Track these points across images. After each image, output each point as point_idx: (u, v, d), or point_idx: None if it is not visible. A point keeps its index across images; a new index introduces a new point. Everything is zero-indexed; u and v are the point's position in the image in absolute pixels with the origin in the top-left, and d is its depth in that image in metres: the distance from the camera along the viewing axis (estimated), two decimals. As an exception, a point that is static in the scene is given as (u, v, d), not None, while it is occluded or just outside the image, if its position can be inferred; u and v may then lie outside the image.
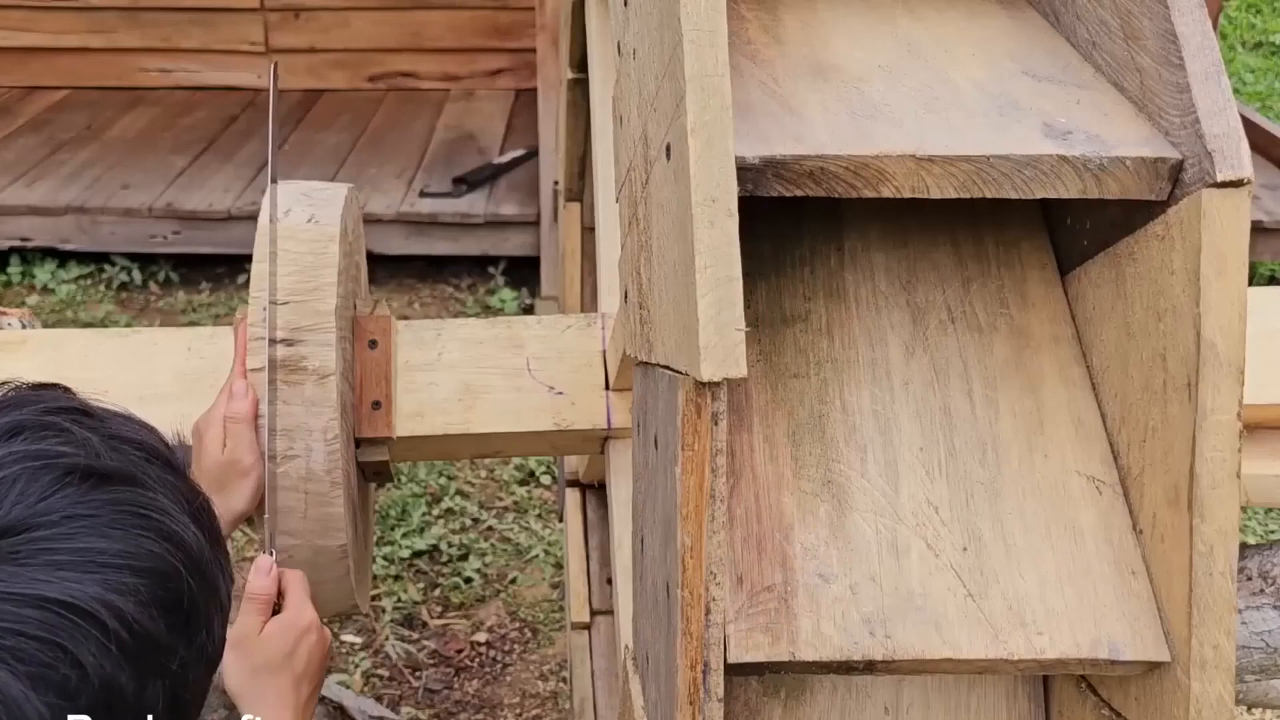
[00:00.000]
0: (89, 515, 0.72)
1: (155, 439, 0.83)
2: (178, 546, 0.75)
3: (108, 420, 0.80)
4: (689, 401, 0.77)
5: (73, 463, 0.74)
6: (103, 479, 0.74)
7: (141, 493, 0.76)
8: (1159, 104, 0.86)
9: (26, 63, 5.77)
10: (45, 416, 0.77)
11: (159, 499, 0.76)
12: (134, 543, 0.73)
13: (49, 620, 0.67)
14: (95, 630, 0.69)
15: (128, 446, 0.79)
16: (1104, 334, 0.94)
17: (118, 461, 0.76)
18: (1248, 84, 6.81)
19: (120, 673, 0.70)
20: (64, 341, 1.51)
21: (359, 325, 1.40)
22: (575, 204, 2.56)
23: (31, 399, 0.79)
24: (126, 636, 0.70)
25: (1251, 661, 1.28)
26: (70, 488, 0.72)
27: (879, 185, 0.84)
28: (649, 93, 0.92)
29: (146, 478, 0.77)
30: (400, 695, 2.92)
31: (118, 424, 0.81)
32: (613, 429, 1.43)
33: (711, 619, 0.79)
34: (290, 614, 1.16)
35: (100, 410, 0.81)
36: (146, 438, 0.81)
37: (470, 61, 5.81)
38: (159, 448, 0.82)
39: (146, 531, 0.74)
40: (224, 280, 4.72)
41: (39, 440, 0.74)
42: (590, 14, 1.85)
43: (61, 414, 0.78)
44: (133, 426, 0.82)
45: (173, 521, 0.76)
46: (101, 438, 0.77)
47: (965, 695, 0.97)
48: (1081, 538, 0.88)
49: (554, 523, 3.45)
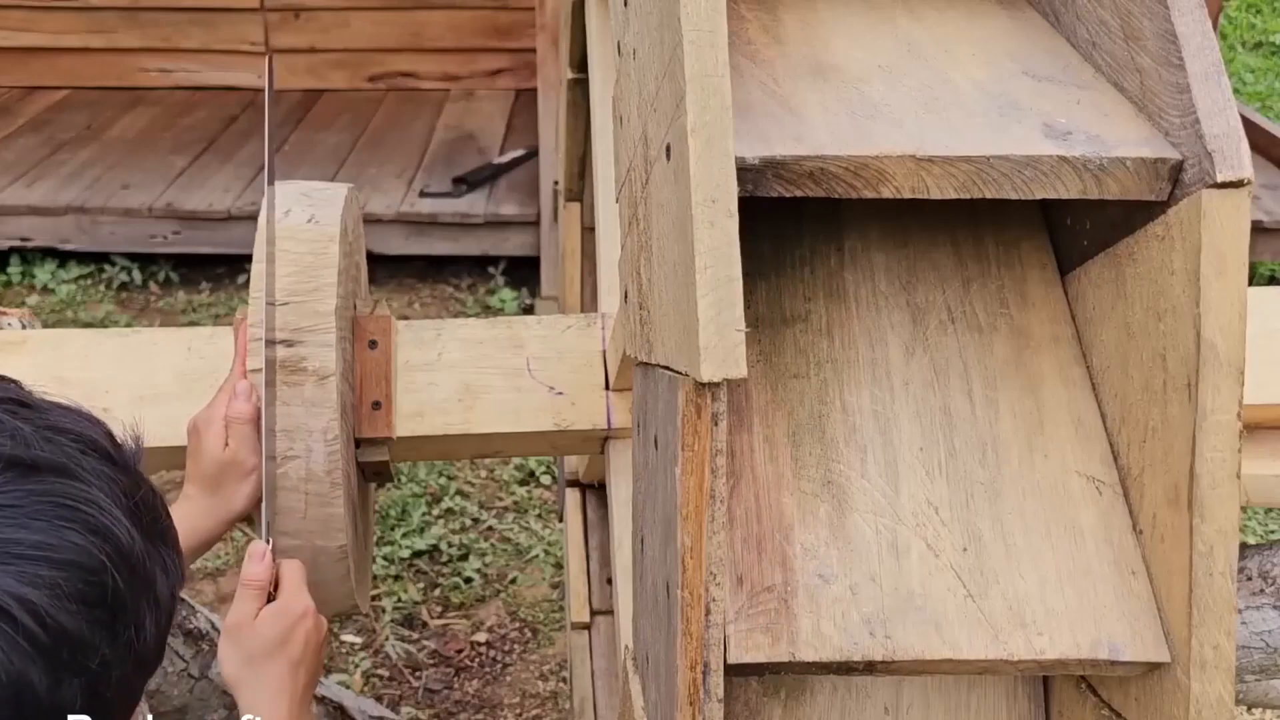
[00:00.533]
0: (10, 506, 0.71)
1: (97, 432, 0.81)
2: (105, 540, 0.74)
3: (47, 411, 0.79)
4: (689, 402, 0.77)
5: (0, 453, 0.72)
6: (30, 469, 0.73)
7: (71, 484, 0.74)
8: (1159, 104, 0.86)
9: (26, 63, 5.77)
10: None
11: (91, 491, 0.75)
12: (56, 534, 0.71)
13: None
14: (6, 624, 0.67)
15: (64, 438, 0.77)
16: (1104, 334, 0.94)
17: (49, 452, 0.75)
18: (1248, 84, 6.81)
19: (31, 668, 0.68)
20: (64, 341, 1.51)
21: (359, 325, 1.40)
22: (575, 204, 2.56)
23: None
24: (39, 631, 0.68)
25: (1251, 661, 1.28)
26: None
27: (879, 185, 0.84)
28: (649, 93, 0.92)
29: (80, 469, 0.76)
30: (400, 695, 2.92)
31: (57, 415, 0.79)
32: (613, 429, 1.43)
33: (711, 619, 0.79)
34: (285, 600, 1.15)
35: (41, 402, 0.80)
36: (86, 430, 0.80)
37: (470, 61, 5.81)
38: (98, 440, 0.80)
39: (71, 524, 0.72)
40: (224, 280, 4.72)
41: None
42: (590, 14, 1.85)
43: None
44: (73, 418, 0.80)
45: (103, 515, 0.74)
46: (36, 428, 0.76)
47: (965, 695, 0.97)
48: (1081, 538, 0.88)
49: (554, 523, 3.45)
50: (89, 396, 1.41)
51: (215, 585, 3.18)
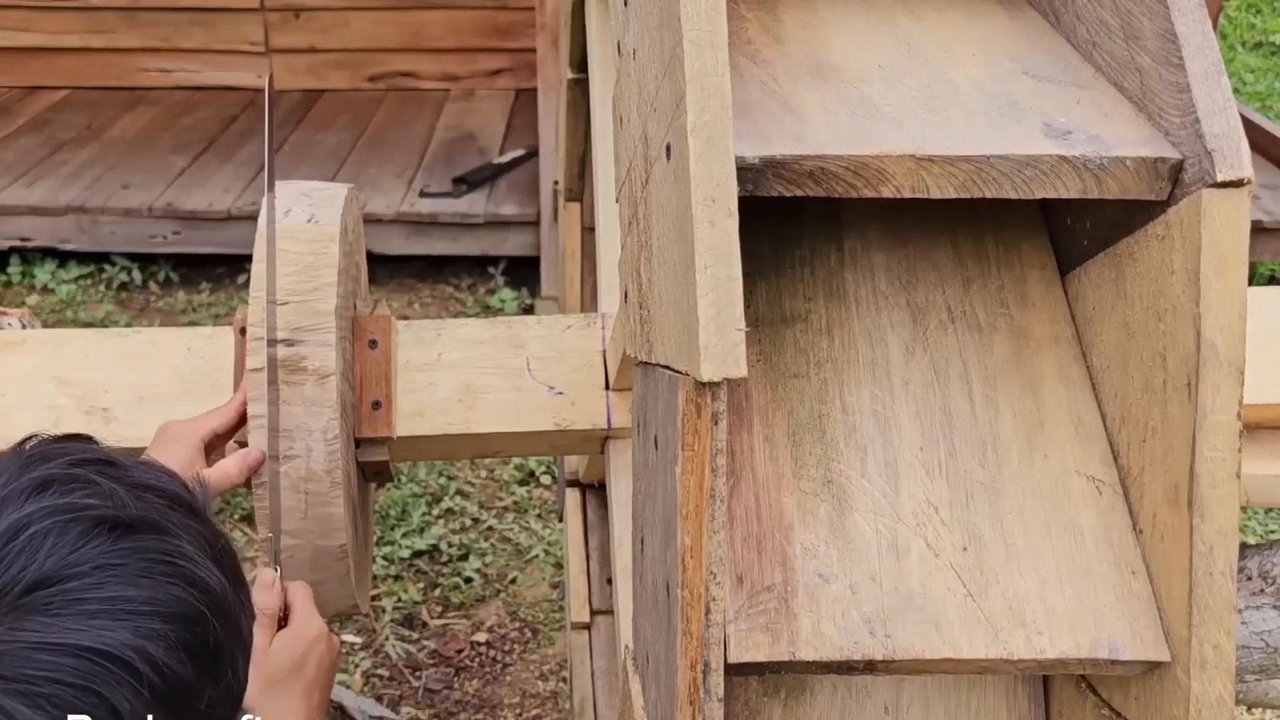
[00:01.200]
0: (117, 564, 0.75)
1: (176, 485, 0.85)
2: (202, 591, 0.78)
3: (131, 469, 0.83)
4: (689, 401, 0.77)
5: (100, 514, 0.76)
6: (129, 529, 0.77)
7: (166, 540, 0.78)
8: (1159, 104, 0.86)
9: (26, 63, 5.77)
10: (72, 469, 0.79)
11: (182, 545, 0.79)
12: (161, 589, 0.76)
13: (84, 668, 0.71)
14: (128, 675, 0.72)
15: (151, 494, 0.81)
16: (1104, 334, 0.94)
17: (142, 510, 0.79)
18: (1248, 84, 6.81)
19: (153, 715, 0.72)
20: (64, 341, 1.51)
21: (359, 325, 1.40)
22: (575, 204, 2.56)
23: (58, 452, 0.82)
24: (157, 680, 0.73)
25: (1251, 661, 1.28)
26: (99, 539, 0.75)
27: (879, 185, 0.84)
28: (649, 93, 0.92)
29: (170, 524, 0.80)
30: (400, 695, 2.92)
31: (140, 472, 0.83)
32: (613, 429, 1.43)
33: (711, 619, 0.79)
34: (297, 626, 1.19)
35: (123, 460, 0.84)
36: (168, 485, 0.84)
37: (470, 61, 5.81)
38: (180, 493, 0.84)
39: (172, 578, 0.77)
40: (224, 280, 4.72)
41: (67, 493, 0.77)
42: (590, 14, 1.85)
43: (87, 465, 0.80)
44: (154, 474, 0.84)
45: (196, 567, 0.78)
46: (126, 487, 0.79)
47: (965, 695, 0.97)
48: (1081, 538, 0.88)
49: (554, 523, 3.45)
50: (89, 396, 1.43)
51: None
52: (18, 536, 0.73)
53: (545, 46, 4.41)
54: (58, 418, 1.41)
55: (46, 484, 0.77)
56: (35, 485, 0.77)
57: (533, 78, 4.77)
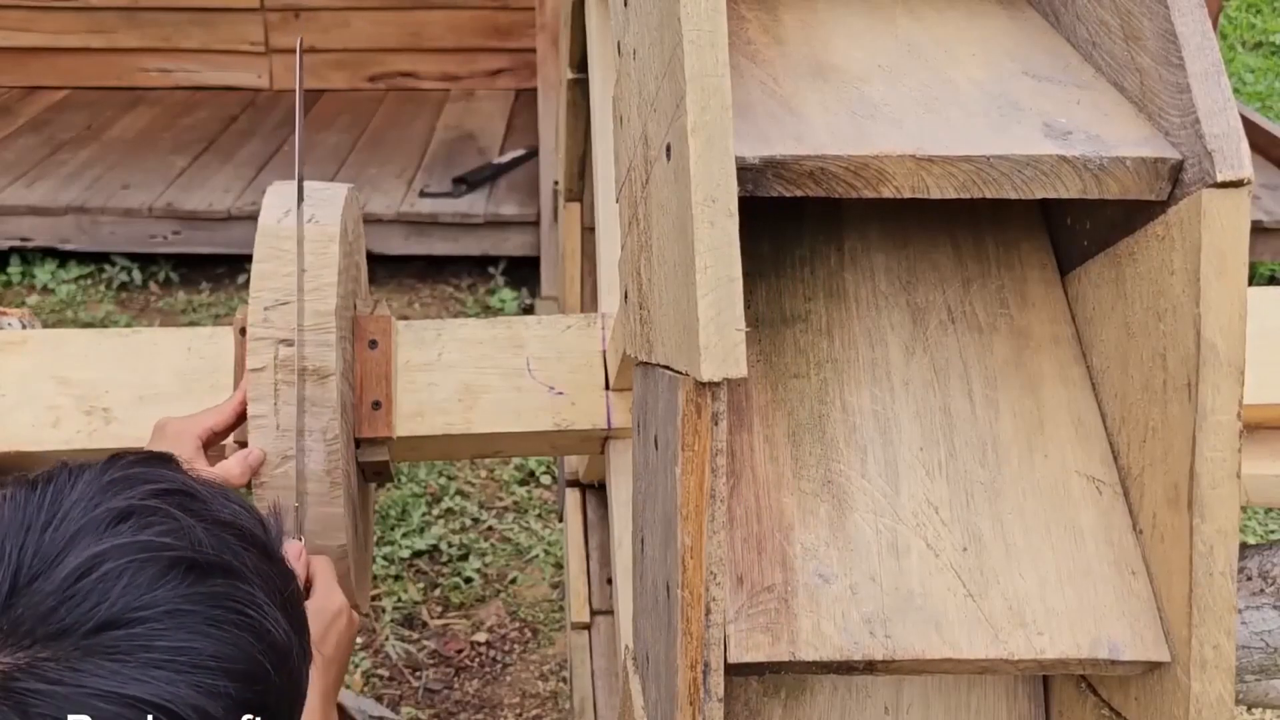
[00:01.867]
0: (189, 610, 0.74)
1: (252, 522, 0.84)
2: (270, 646, 0.77)
3: (211, 503, 0.81)
4: (689, 401, 0.77)
5: (176, 555, 0.75)
6: (204, 571, 0.75)
7: (239, 586, 0.77)
8: (1159, 104, 0.86)
9: (26, 63, 5.77)
10: (151, 500, 0.78)
11: (255, 592, 0.78)
12: (230, 642, 0.74)
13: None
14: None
15: (228, 532, 0.80)
16: (1104, 334, 0.94)
17: (218, 551, 0.77)
18: (1248, 84, 6.81)
19: None
20: (64, 341, 1.51)
21: (359, 325, 1.40)
22: (575, 204, 2.56)
23: (140, 478, 0.80)
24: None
25: (1251, 661, 1.28)
26: (173, 581, 0.74)
27: (879, 185, 0.84)
28: (649, 93, 0.92)
29: (244, 568, 0.78)
30: (400, 695, 2.92)
31: (218, 505, 0.82)
32: (613, 429, 1.43)
33: (711, 619, 0.79)
34: (319, 599, 1.17)
35: (203, 490, 0.82)
36: (245, 522, 0.82)
37: (470, 61, 5.81)
38: (255, 533, 0.83)
39: (242, 630, 0.75)
40: (224, 280, 4.72)
41: (145, 528, 0.75)
42: (590, 14, 1.85)
43: (168, 498, 0.79)
44: (232, 508, 0.83)
45: (266, 618, 0.77)
46: (205, 524, 0.78)
47: (965, 695, 0.97)
48: (1081, 538, 0.88)
49: (554, 523, 3.45)
50: (89, 396, 1.43)
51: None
52: (91, 573, 0.72)
53: (545, 46, 4.41)
54: (58, 418, 1.42)
55: (126, 516, 0.75)
56: (115, 517, 0.75)
57: (533, 78, 4.77)
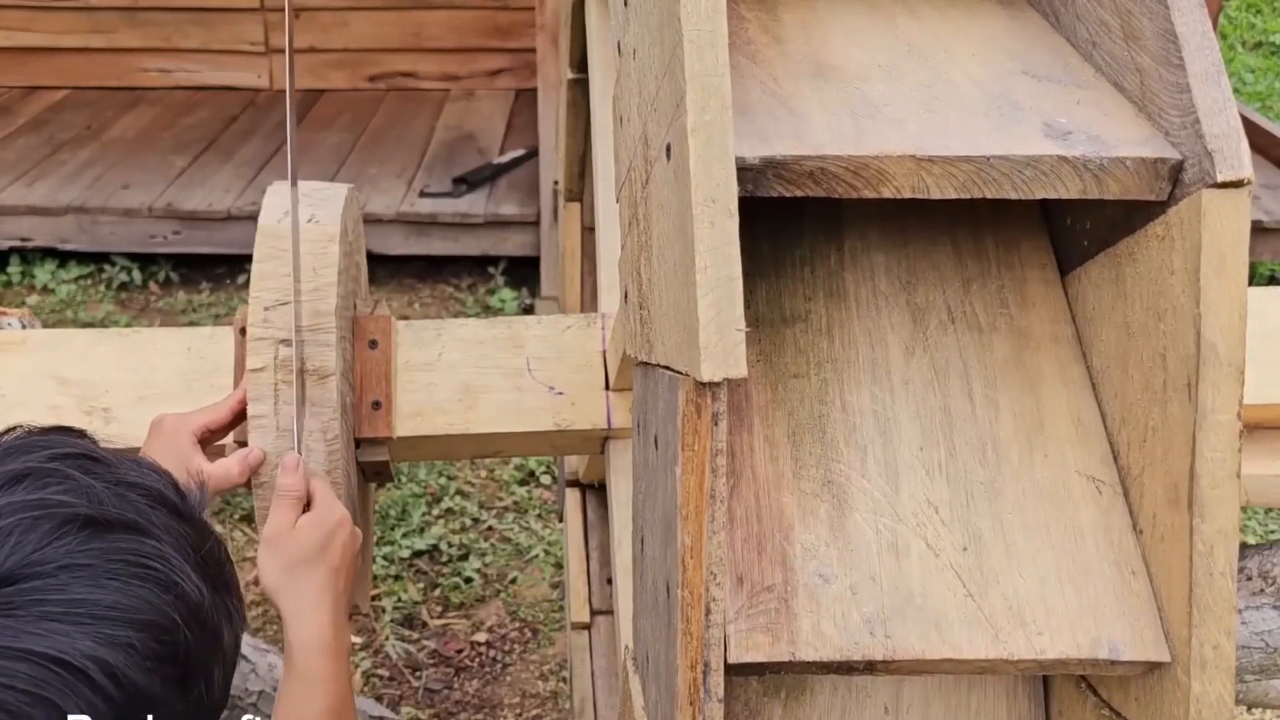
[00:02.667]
0: (86, 565, 0.72)
1: (164, 484, 0.82)
2: (178, 598, 0.75)
3: (116, 465, 0.80)
4: (689, 401, 0.77)
5: (72, 511, 0.73)
6: (104, 527, 0.74)
7: (143, 541, 0.75)
8: (1159, 104, 0.86)
9: (26, 63, 5.77)
10: (50, 463, 0.76)
11: (162, 548, 0.76)
12: (131, 594, 0.72)
13: (37, 675, 0.68)
14: (84, 685, 0.69)
15: (134, 492, 0.78)
16: (1104, 334, 0.94)
17: (121, 509, 0.76)
18: (1248, 84, 6.81)
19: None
20: (64, 341, 1.51)
21: (359, 325, 1.40)
22: (575, 204, 2.56)
23: (39, 444, 0.79)
24: (115, 692, 0.70)
25: (1251, 661, 1.28)
26: (68, 537, 0.72)
27: (879, 185, 0.84)
28: (649, 93, 0.92)
29: (151, 525, 0.77)
30: (400, 695, 2.92)
31: (126, 469, 0.80)
32: (613, 429, 1.43)
33: (711, 619, 0.79)
34: (320, 510, 1.17)
35: (109, 455, 0.81)
36: (154, 483, 0.81)
37: (470, 61, 5.82)
38: (165, 493, 0.81)
39: (145, 582, 0.73)
40: (224, 280, 4.72)
41: (41, 488, 0.74)
42: (590, 14, 1.85)
43: (67, 460, 0.77)
44: (142, 471, 0.81)
45: (175, 571, 0.75)
46: (107, 484, 0.76)
47: (965, 695, 0.97)
48: (1081, 537, 0.88)
49: (554, 523, 3.45)
50: (89, 396, 1.43)
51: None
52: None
53: (545, 46, 4.41)
54: (57, 418, 1.41)
55: (21, 477, 0.74)
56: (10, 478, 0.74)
57: (533, 78, 4.77)
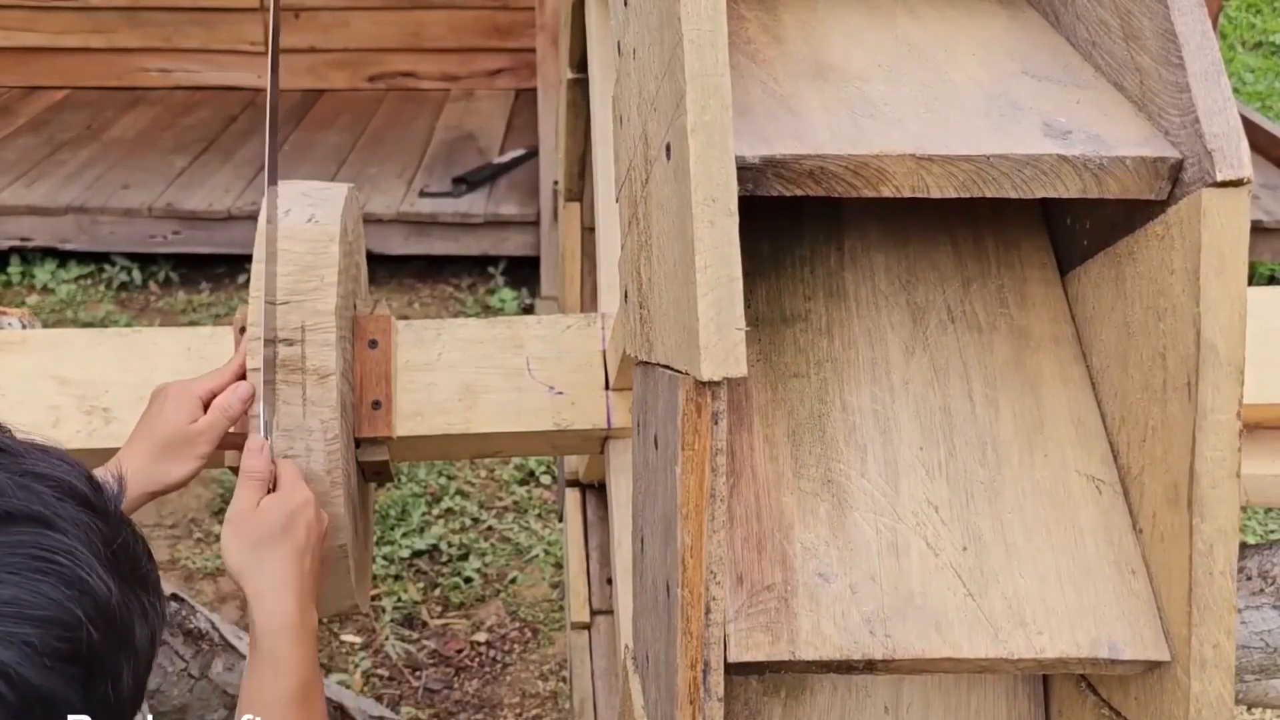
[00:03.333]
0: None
1: (75, 476, 0.79)
2: (82, 593, 0.73)
3: (23, 456, 0.77)
4: (689, 401, 0.77)
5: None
6: (5, 519, 0.72)
7: (48, 534, 0.73)
8: (1159, 104, 0.86)
9: (26, 63, 5.77)
10: None
11: (68, 541, 0.74)
12: (31, 589, 0.71)
13: None
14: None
15: (41, 484, 0.76)
16: (1104, 334, 0.94)
17: (25, 500, 0.74)
18: (1248, 84, 6.81)
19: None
20: (64, 341, 1.51)
21: (359, 325, 1.40)
22: (575, 204, 2.56)
23: None
24: (7, 690, 0.68)
25: (1251, 661, 1.28)
26: None
27: (879, 185, 0.84)
28: (649, 93, 0.92)
29: (57, 518, 0.74)
30: (400, 695, 2.92)
31: (34, 460, 0.78)
32: (613, 429, 1.43)
33: (711, 618, 0.79)
34: (285, 491, 1.16)
35: (18, 446, 0.79)
36: (64, 475, 0.78)
37: (470, 61, 5.81)
38: (76, 485, 0.78)
39: (47, 577, 0.72)
40: (224, 280, 4.72)
41: None
42: (590, 14, 1.85)
43: None
44: (51, 462, 0.79)
45: (80, 567, 0.73)
46: (11, 475, 0.75)
47: (965, 695, 0.97)
48: (1081, 537, 0.88)
49: (554, 523, 3.45)
50: (89, 396, 1.43)
51: (215, 585, 3.18)
52: None
53: (545, 46, 4.41)
54: (57, 418, 1.42)
55: None
56: None
57: (533, 78, 4.77)
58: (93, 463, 0.98)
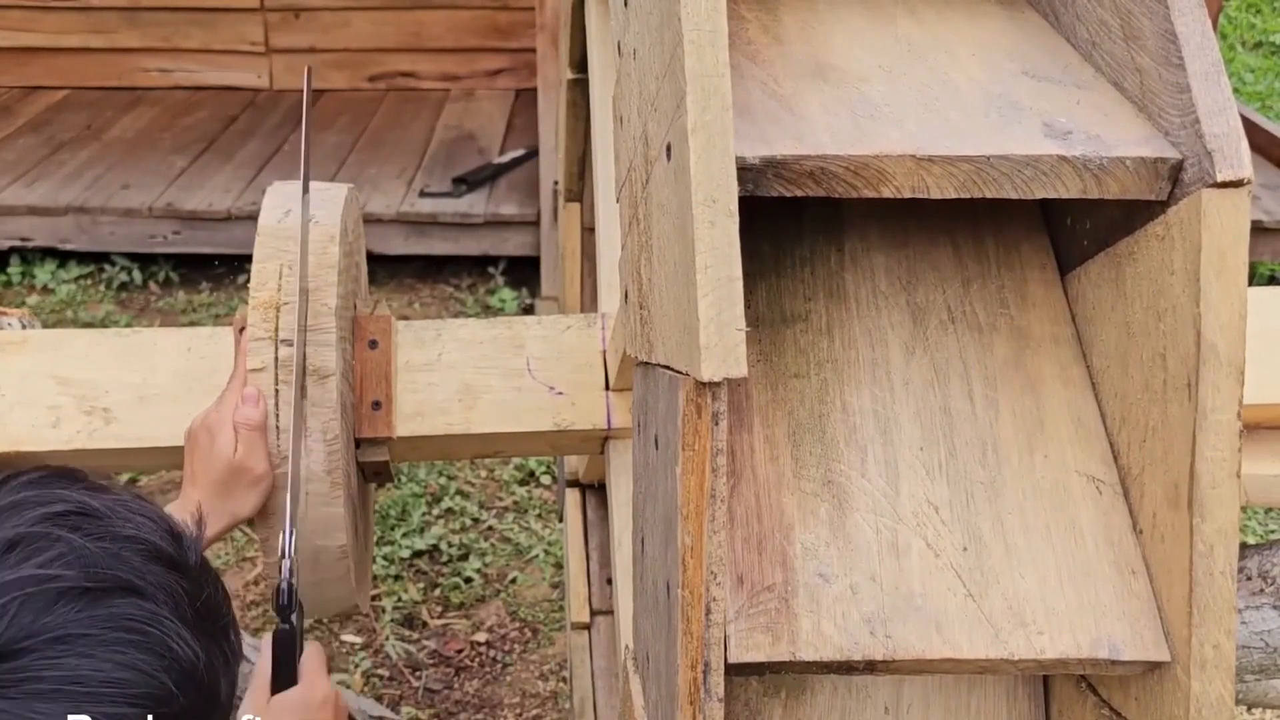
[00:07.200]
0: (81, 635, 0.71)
1: (158, 534, 0.80)
2: (173, 662, 0.74)
3: (110, 518, 0.78)
4: (689, 401, 0.77)
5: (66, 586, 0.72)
6: (99, 596, 0.73)
7: (139, 604, 0.74)
8: (1159, 104, 0.86)
9: (26, 63, 5.77)
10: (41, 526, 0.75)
11: (158, 610, 0.75)
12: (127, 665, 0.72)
13: None
14: None
15: (129, 549, 0.77)
16: (1104, 334, 0.94)
17: (114, 571, 0.74)
18: (1248, 84, 6.81)
19: None
20: (64, 341, 1.51)
21: (359, 325, 1.40)
22: (575, 204, 2.56)
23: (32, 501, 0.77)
24: None
25: (1251, 661, 1.28)
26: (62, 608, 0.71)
27: (879, 185, 0.84)
28: (649, 93, 0.92)
29: (146, 584, 0.76)
30: (400, 695, 2.92)
31: (119, 521, 0.78)
32: (613, 429, 1.43)
33: (712, 619, 0.79)
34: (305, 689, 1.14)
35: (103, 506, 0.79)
36: (150, 535, 0.79)
37: (470, 61, 5.81)
38: (161, 546, 0.79)
39: (141, 651, 0.73)
40: (224, 280, 4.72)
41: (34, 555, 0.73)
42: (590, 14, 1.85)
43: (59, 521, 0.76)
44: (136, 521, 0.79)
45: (169, 635, 0.74)
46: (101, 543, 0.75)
47: (965, 695, 0.97)
48: (1081, 537, 0.88)
49: (554, 523, 3.45)
50: (89, 396, 1.43)
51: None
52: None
53: (545, 46, 4.41)
54: (58, 418, 1.41)
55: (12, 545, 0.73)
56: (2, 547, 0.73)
57: (533, 78, 4.77)
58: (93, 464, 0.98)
